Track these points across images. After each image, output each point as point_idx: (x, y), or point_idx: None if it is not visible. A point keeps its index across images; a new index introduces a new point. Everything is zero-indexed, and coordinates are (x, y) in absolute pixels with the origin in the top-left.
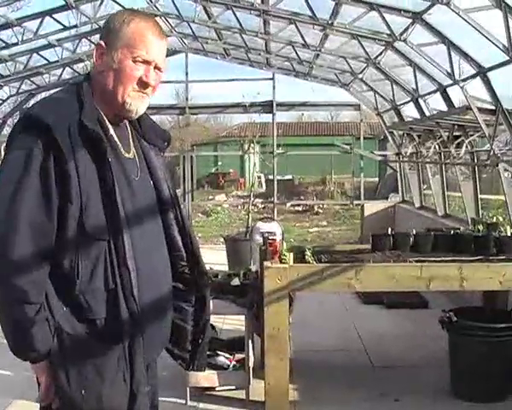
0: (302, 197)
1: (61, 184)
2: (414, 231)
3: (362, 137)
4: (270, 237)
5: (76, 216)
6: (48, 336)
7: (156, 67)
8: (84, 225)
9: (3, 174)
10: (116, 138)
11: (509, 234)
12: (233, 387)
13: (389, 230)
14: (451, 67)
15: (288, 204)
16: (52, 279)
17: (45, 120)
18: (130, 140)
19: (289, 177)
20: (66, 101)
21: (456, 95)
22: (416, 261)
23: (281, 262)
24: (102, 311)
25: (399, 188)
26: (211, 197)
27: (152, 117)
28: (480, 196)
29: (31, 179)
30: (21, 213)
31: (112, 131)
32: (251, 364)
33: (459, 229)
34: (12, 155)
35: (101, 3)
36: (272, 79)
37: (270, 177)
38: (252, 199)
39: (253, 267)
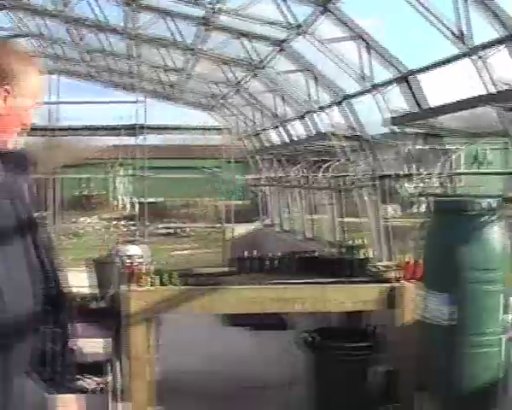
0: (173, 220)
1: None
2: (278, 254)
3: (230, 161)
4: (129, 261)
5: None
6: None
7: None
8: None
9: None
10: None
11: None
12: None
13: (254, 252)
14: (316, 94)
15: (159, 226)
16: None
17: None
18: None
19: (160, 199)
20: None
21: (319, 121)
22: (280, 283)
23: (139, 285)
24: None
25: (266, 211)
26: (81, 219)
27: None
28: (345, 219)
29: None
30: None
31: None
32: (117, 386)
33: (322, 251)
34: None
35: None
36: (139, 102)
37: (142, 199)
38: (119, 222)
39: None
